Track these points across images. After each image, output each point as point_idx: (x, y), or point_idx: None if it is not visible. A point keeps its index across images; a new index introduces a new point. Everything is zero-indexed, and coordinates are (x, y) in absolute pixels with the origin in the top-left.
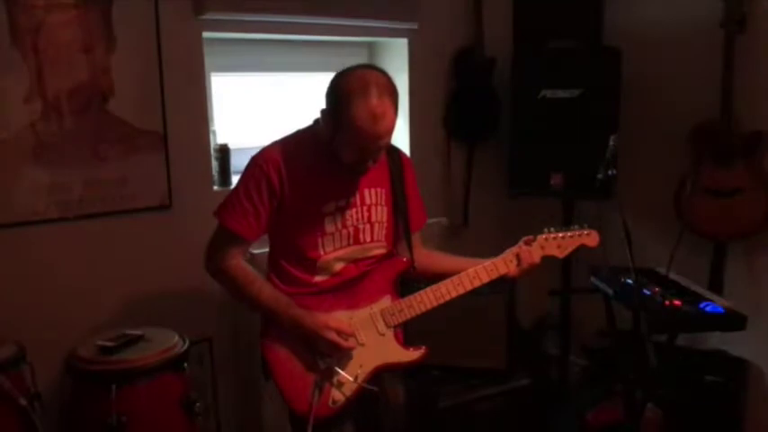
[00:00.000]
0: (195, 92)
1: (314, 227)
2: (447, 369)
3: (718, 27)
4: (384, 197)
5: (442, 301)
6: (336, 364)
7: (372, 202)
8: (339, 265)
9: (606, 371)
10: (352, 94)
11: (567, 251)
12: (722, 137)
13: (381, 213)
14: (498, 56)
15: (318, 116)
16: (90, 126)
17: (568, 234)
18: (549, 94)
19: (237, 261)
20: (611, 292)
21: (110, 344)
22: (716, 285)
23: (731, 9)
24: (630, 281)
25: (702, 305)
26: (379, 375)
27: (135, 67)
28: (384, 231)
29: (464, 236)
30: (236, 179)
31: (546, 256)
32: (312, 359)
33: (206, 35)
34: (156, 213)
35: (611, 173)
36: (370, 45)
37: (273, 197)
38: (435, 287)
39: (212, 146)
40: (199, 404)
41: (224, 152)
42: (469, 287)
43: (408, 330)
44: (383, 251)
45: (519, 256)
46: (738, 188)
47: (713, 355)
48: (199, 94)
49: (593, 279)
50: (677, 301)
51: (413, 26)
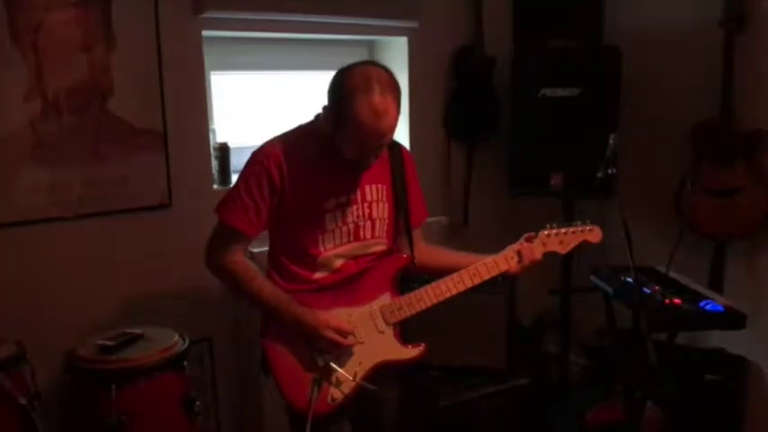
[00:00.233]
0: (195, 91)
1: (314, 223)
2: (447, 368)
3: (718, 27)
4: (385, 193)
5: (441, 298)
6: (335, 362)
7: (373, 199)
8: (339, 262)
9: (606, 370)
10: (355, 90)
11: (570, 247)
12: (722, 136)
13: (382, 210)
14: (498, 55)
15: (320, 111)
16: (90, 125)
17: (570, 230)
18: (549, 92)
19: (238, 257)
20: (610, 290)
21: (110, 343)
22: (716, 284)
23: (731, 9)
24: (630, 279)
25: (702, 303)
26: (378, 373)
27: (135, 66)
28: (385, 228)
29: (464, 236)
30: (235, 178)
31: (547, 253)
32: (311, 356)
33: (205, 34)
34: (156, 212)
35: (610, 172)
36: (369, 44)
37: (274, 193)
38: (435, 284)
39: (212, 145)
40: (199, 403)
41: (224, 151)
42: (470, 284)
43: (408, 328)
44: (383, 248)
45: (520, 253)
46: (738, 187)
47: (713, 354)
48: (198, 92)
49: (593, 278)
50: (677, 300)
51: (413, 25)
